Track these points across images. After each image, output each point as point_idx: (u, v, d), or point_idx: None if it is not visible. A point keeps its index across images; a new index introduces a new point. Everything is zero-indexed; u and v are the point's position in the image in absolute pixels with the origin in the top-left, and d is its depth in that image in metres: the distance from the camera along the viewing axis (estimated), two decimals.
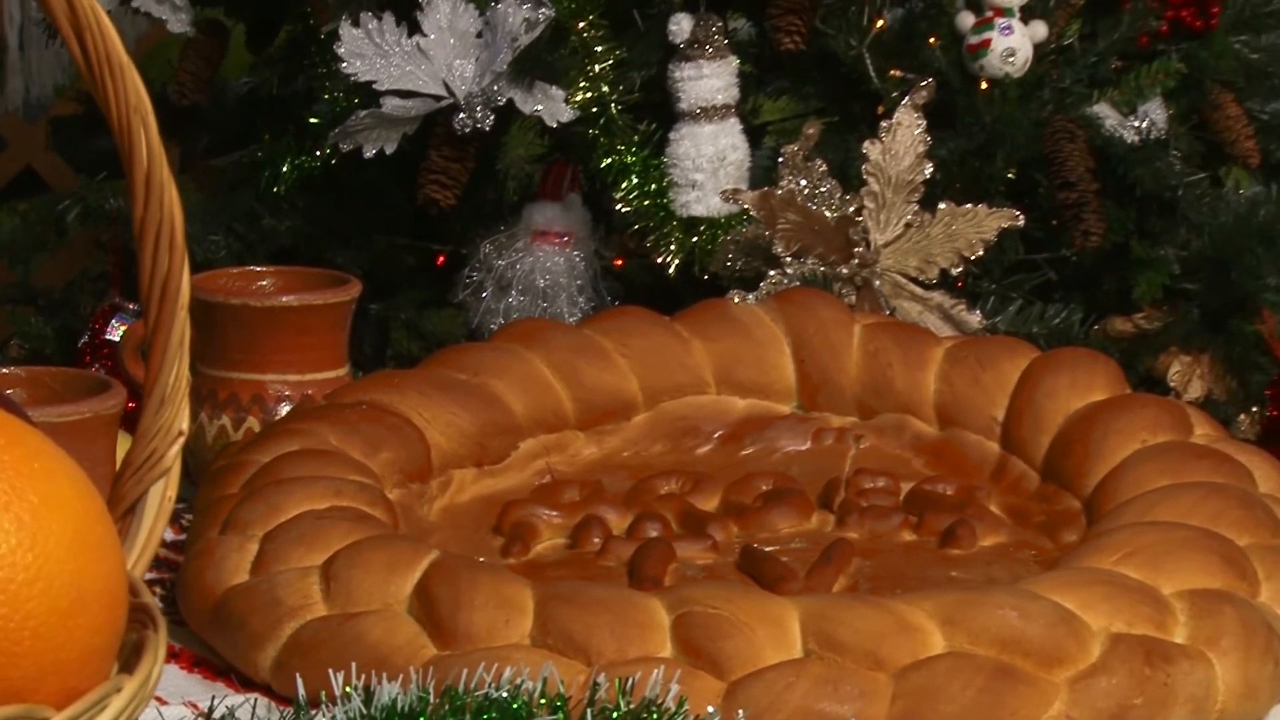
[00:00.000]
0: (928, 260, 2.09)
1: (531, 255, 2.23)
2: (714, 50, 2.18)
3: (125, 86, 1.15)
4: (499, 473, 1.76)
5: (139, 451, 1.20)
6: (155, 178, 1.16)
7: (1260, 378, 2.35)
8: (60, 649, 1.04)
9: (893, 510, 1.70)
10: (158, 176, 1.16)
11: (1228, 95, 2.41)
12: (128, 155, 1.16)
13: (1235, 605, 1.47)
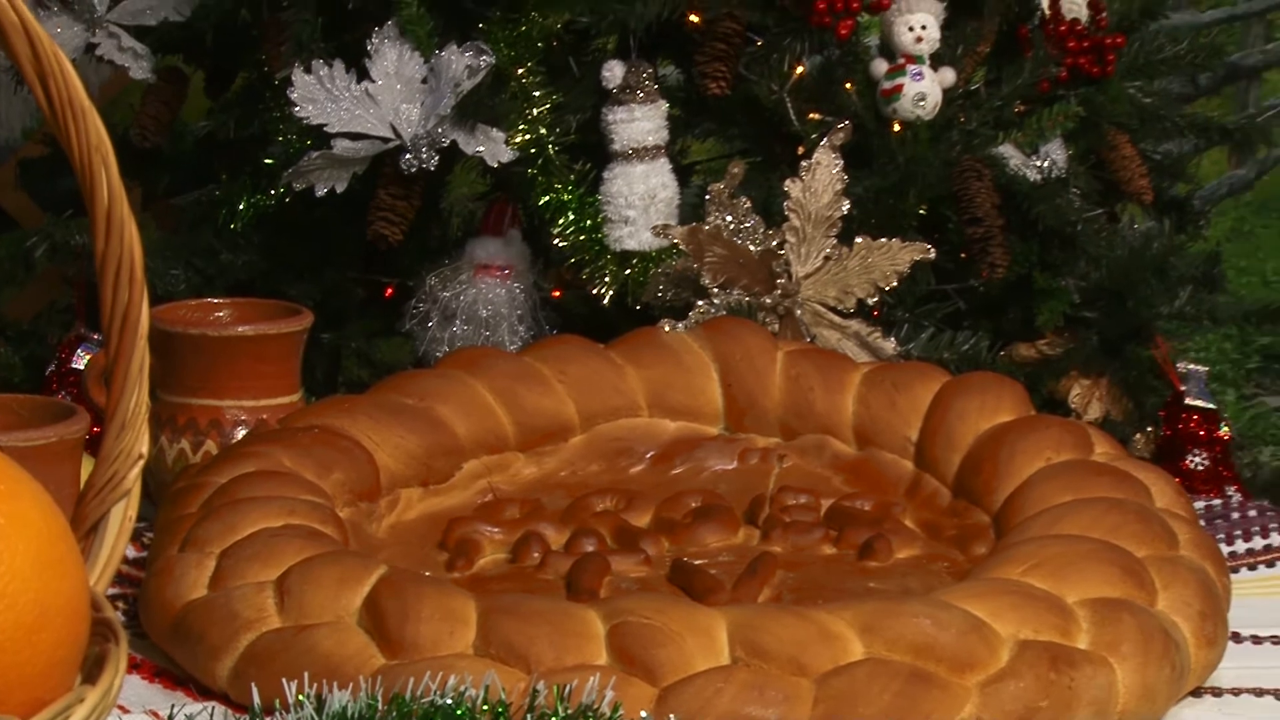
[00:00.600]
0: (846, 291, 2.09)
1: (475, 287, 2.22)
2: (645, 95, 2.18)
3: (87, 129, 1.14)
4: (444, 492, 1.75)
5: (101, 474, 1.19)
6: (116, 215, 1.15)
7: (1154, 400, 2.36)
8: (26, 662, 1.03)
9: (814, 525, 1.69)
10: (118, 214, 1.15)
11: (1123, 137, 2.43)
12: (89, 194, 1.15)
13: (1134, 613, 1.47)
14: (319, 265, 2.31)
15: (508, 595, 1.52)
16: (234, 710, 1.46)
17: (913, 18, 2.22)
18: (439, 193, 2.30)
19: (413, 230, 2.17)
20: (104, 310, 1.18)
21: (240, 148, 2.33)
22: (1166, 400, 2.34)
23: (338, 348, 2.33)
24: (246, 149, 2.30)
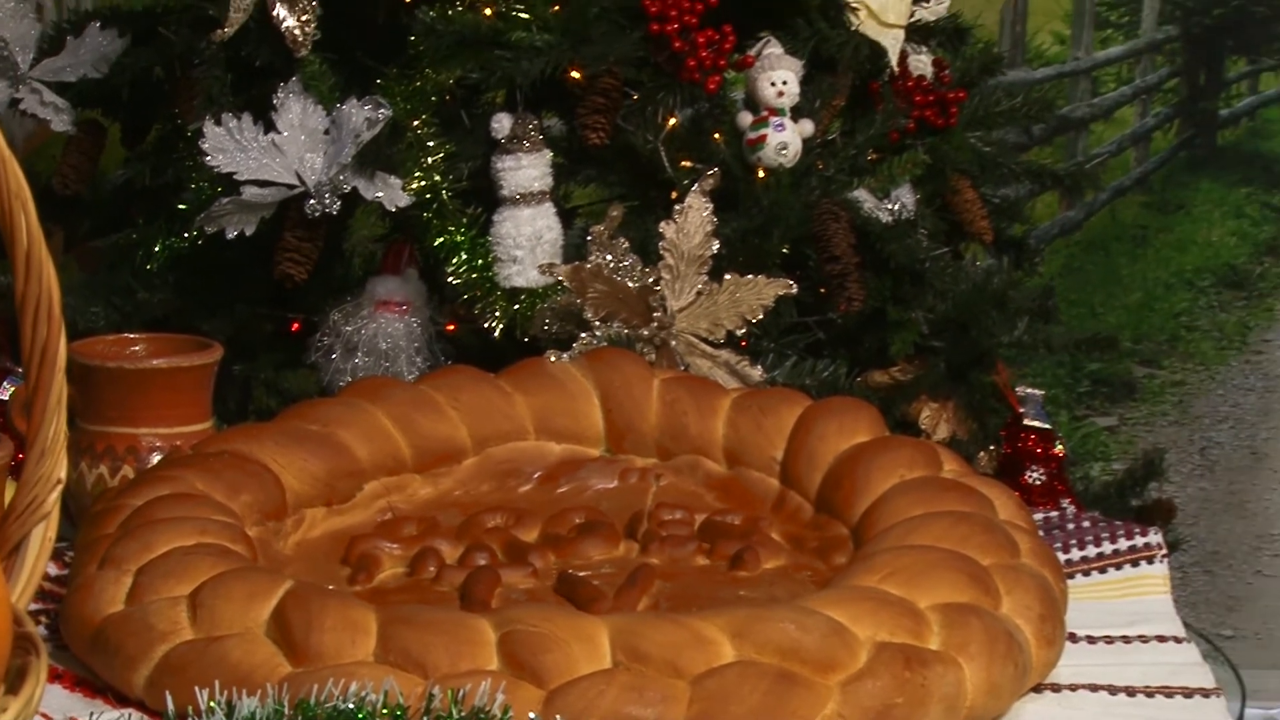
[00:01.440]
0: (716, 323, 2.09)
1: (375, 322, 2.21)
2: (531, 145, 2.18)
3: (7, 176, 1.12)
4: (346, 511, 1.73)
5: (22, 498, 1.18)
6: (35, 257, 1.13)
7: (996, 420, 2.38)
8: None
9: (689, 539, 1.69)
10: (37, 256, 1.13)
11: (965, 182, 2.44)
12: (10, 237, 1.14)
13: (981, 616, 1.47)
14: (230, 302, 2.28)
15: (406, 606, 1.50)
16: (150, 717, 1.44)
17: (774, 74, 2.23)
18: (341, 235, 2.29)
19: (317, 269, 2.16)
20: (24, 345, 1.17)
21: (155, 194, 2.30)
22: (1007, 421, 2.35)
23: (248, 378, 2.31)
24: (161, 195, 2.28)
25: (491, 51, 2.15)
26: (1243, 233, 3.80)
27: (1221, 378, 3.81)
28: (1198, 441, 3.82)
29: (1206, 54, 3.76)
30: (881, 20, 2.33)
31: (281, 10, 2.16)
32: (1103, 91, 3.78)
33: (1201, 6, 3.71)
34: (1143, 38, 3.75)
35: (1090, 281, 3.79)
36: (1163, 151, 3.80)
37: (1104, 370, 3.79)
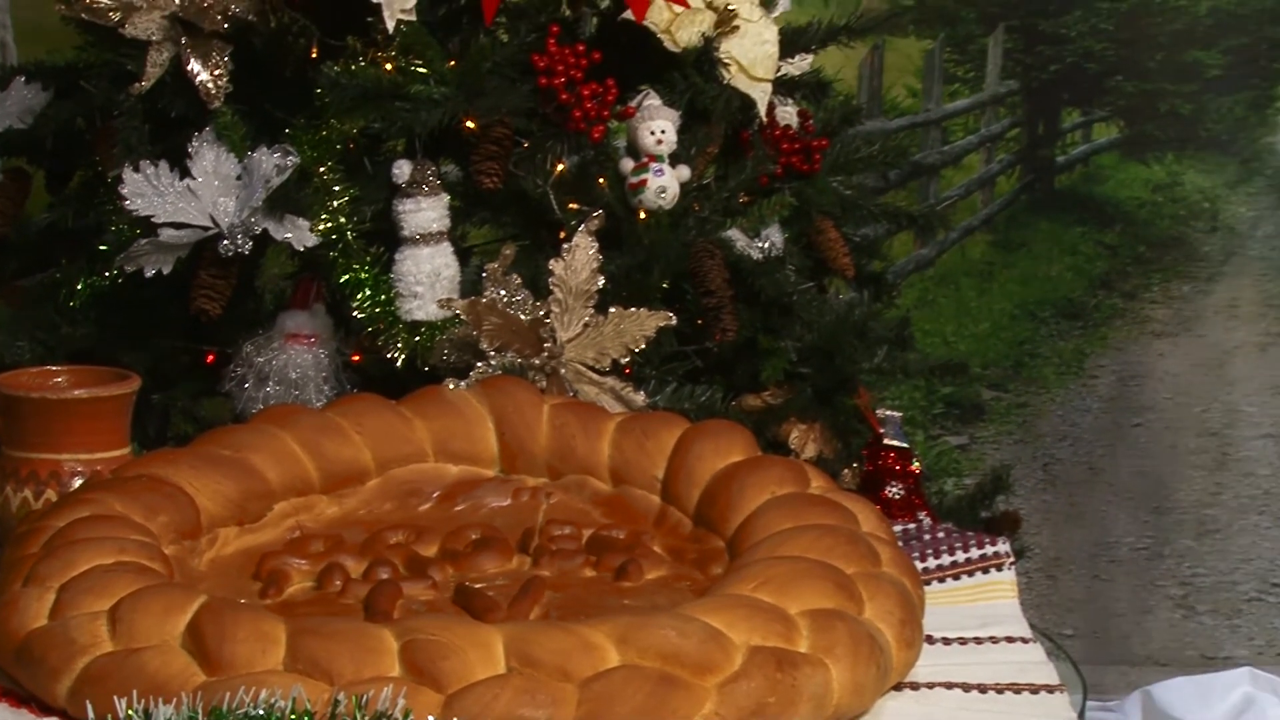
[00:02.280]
0: (602, 352, 2.09)
1: (285, 353, 2.20)
2: (429, 189, 2.17)
3: None
4: (257, 530, 1.71)
5: None
6: None
7: (858, 440, 2.38)
8: None
9: (577, 552, 1.68)
10: None
11: (828, 222, 2.45)
12: None
13: (846, 621, 1.47)
14: (149, 336, 2.26)
15: (313, 618, 1.49)
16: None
17: (654, 124, 2.23)
18: (253, 272, 2.27)
19: (230, 305, 2.14)
20: None
21: (78, 236, 2.27)
22: (868, 441, 2.35)
23: (167, 407, 2.28)
24: (83, 237, 2.25)
25: (392, 103, 2.14)
26: (1078, 268, 3.83)
27: (1061, 400, 3.84)
28: (1040, 458, 3.84)
29: (1044, 106, 3.79)
30: (751, 75, 2.33)
31: (195, 65, 2.15)
32: (952, 140, 3.80)
33: (1039, 63, 3.74)
34: (987, 91, 3.78)
35: (942, 313, 3.81)
36: (1006, 194, 3.83)
37: (955, 394, 3.80)
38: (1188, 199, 3.81)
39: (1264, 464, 3.81)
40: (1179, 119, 3.77)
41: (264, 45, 2.18)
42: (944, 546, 1.96)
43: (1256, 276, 3.81)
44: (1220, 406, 3.82)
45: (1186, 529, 3.83)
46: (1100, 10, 3.70)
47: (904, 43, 3.73)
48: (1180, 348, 3.83)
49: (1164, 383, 3.83)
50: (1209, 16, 3.69)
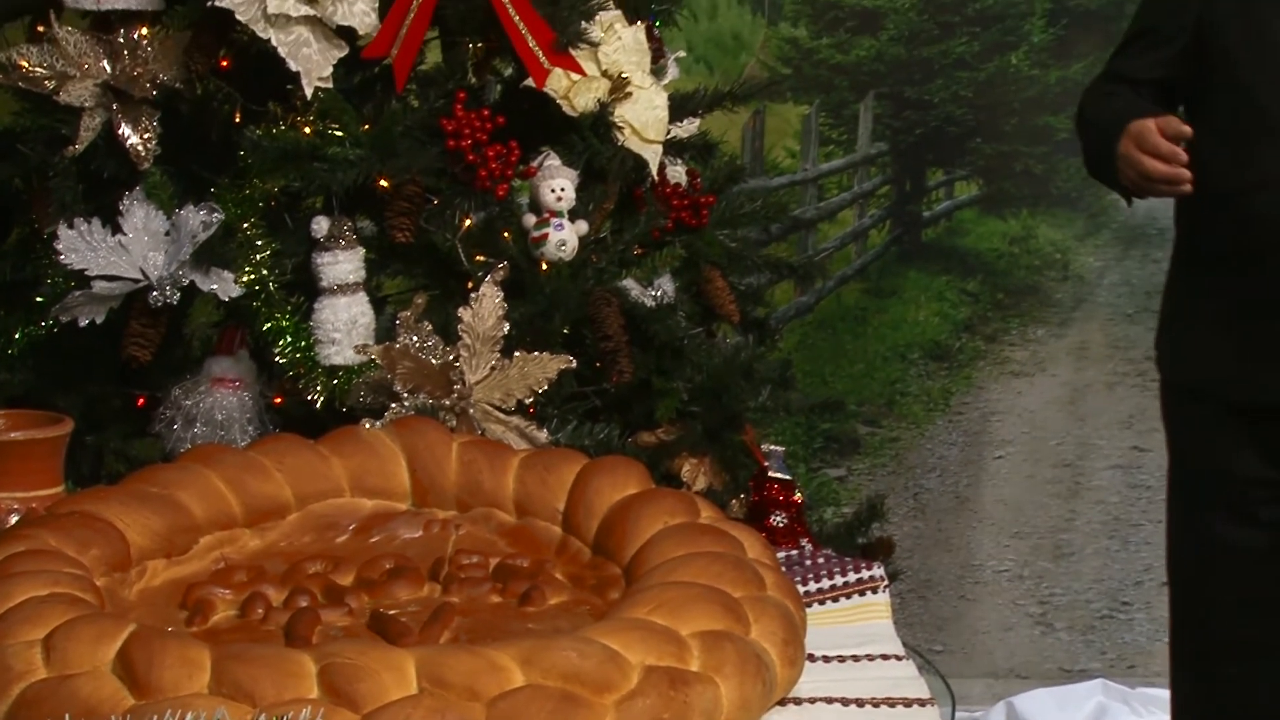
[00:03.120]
0: (508, 393, 2.09)
1: (211, 396, 2.18)
2: (346, 243, 2.16)
3: None
4: (184, 562, 1.67)
5: None
6: None
7: (745, 473, 2.38)
8: None
9: (484, 580, 1.65)
10: None
11: (716, 272, 2.45)
12: None
13: (734, 641, 1.46)
14: (83, 381, 2.23)
15: (237, 644, 1.45)
16: None
17: (554, 182, 2.23)
18: (181, 321, 2.25)
19: (160, 351, 2.12)
20: None
21: (15, 288, 2.25)
22: (754, 473, 2.35)
23: (100, 447, 2.25)
24: (21, 289, 2.23)
25: (311, 164, 2.13)
26: (944, 314, 3.86)
27: (929, 435, 3.86)
28: (911, 488, 3.85)
29: (911, 166, 3.81)
30: (643, 137, 2.33)
31: (126, 129, 2.14)
32: (827, 197, 3.82)
33: (906, 126, 3.77)
34: (859, 152, 3.80)
35: (821, 355, 3.82)
36: (877, 246, 3.85)
37: (834, 429, 3.81)
38: (1041, 250, 3.85)
39: (1113, 492, 3.85)
40: (1032, 178, 3.81)
41: (190, 111, 2.17)
42: (824, 571, 1.96)
43: (1104, 321, 3.85)
44: (1073, 440, 3.85)
45: (1044, 552, 3.85)
46: (960, 79, 3.74)
47: (783, 108, 3.75)
48: (1036, 386, 3.86)
49: (1022, 418, 3.86)
50: (1058, 85, 3.74)
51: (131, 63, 2.14)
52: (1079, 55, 3.74)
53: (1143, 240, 3.80)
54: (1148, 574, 3.79)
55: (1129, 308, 3.82)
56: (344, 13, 2.11)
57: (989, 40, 3.72)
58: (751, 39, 3.73)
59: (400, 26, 2.15)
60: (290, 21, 2.09)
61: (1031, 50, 3.73)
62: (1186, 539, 2.68)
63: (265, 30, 2.08)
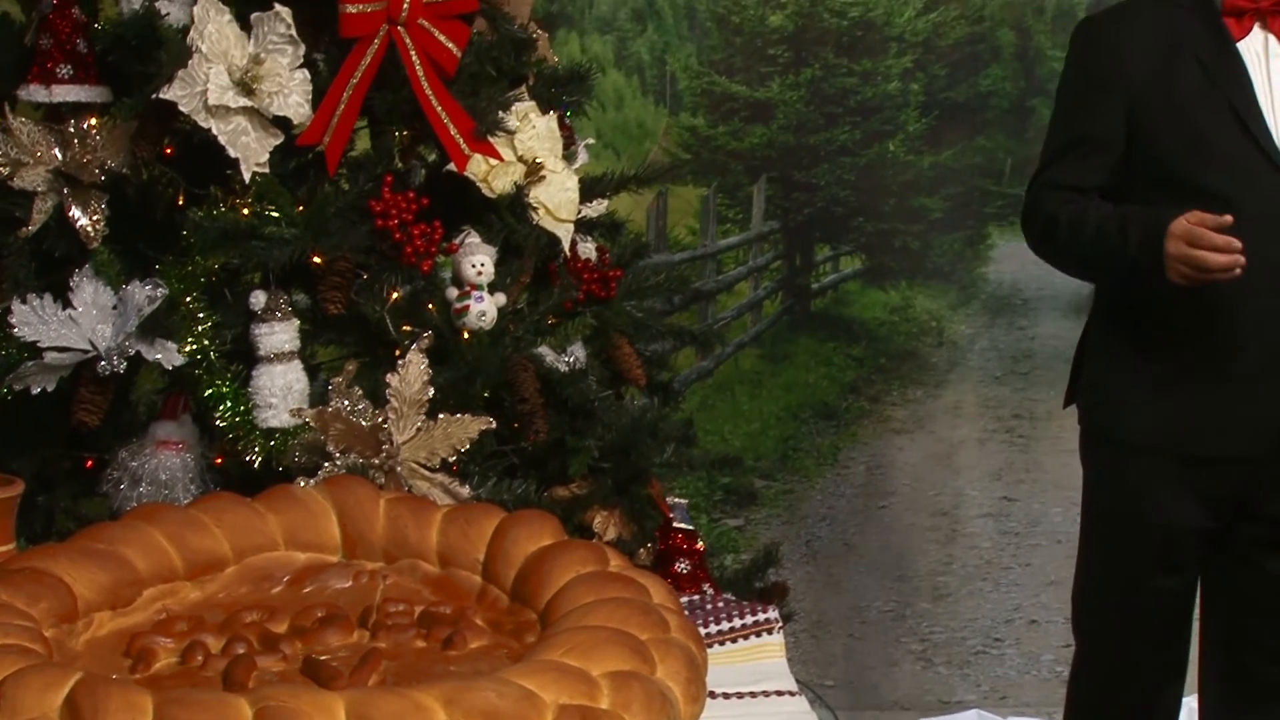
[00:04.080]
0: (432, 453, 2.07)
1: (156, 458, 2.14)
2: (282, 315, 2.14)
3: None
4: (128, 613, 1.64)
5: None
6: None
7: (652, 524, 2.37)
8: None
9: (410, 626, 1.63)
10: None
11: (624, 339, 2.45)
12: None
13: (641, 681, 1.44)
14: (35, 445, 2.19)
15: (177, 690, 1.43)
16: None
17: (474, 258, 2.22)
18: (128, 388, 2.22)
19: (108, 416, 2.09)
20: None
21: None
22: (660, 524, 2.34)
23: (51, 507, 2.21)
24: None
25: (249, 242, 2.11)
26: (832, 376, 3.87)
27: (820, 487, 3.86)
28: (804, 536, 3.85)
29: (800, 242, 3.83)
30: (556, 216, 2.33)
31: (76, 212, 2.12)
32: (725, 270, 3.83)
33: (795, 206, 3.79)
34: (753, 230, 3.82)
35: (720, 415, 3.82)
36: (771, 315, 3.86)
37: (732, 483, 3.81)
38: (918, 319, 3.87)
39: (985, 539, 3.86)
40: (910, 253, 3.84)
41: (136, 194, 2.15)
42: (724, 614, 1.95)
43: (975, 383, 3.88)
44: (949, 491, 3.87)
45: (924, 594, 3.86)
46: (843, 164, 3.77)
47: (684, 189, 3.76)
48: (916, 442, 3.87)
49: (903, 471, 3.88)
50: (931, 170, 3.77)
51: (81, 150, 2.12)
52: (949, 143, 3.78)
53: (1008, 310, 3.84)
54: (1017, 613, 3.80)
55: (997, 371, 3.85)
56: (279, 104, 2.10)
57: (869, 129, 3.76)
58: (655, 127, 3.74)
59: (332, 116, 2.14)
60: (230, 112, 2.07)
61: (907, 138, 3.77)
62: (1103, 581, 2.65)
63: (206, 120, 2.07)
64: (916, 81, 3.75)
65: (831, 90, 3.73)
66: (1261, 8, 2.43)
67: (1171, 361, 2.49)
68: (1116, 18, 2.55)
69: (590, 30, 3.71)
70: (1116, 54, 2.49)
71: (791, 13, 3.71)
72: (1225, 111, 2.41)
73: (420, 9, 2.17)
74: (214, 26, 2.07)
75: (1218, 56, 2.43)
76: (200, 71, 2.06)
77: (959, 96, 3.75)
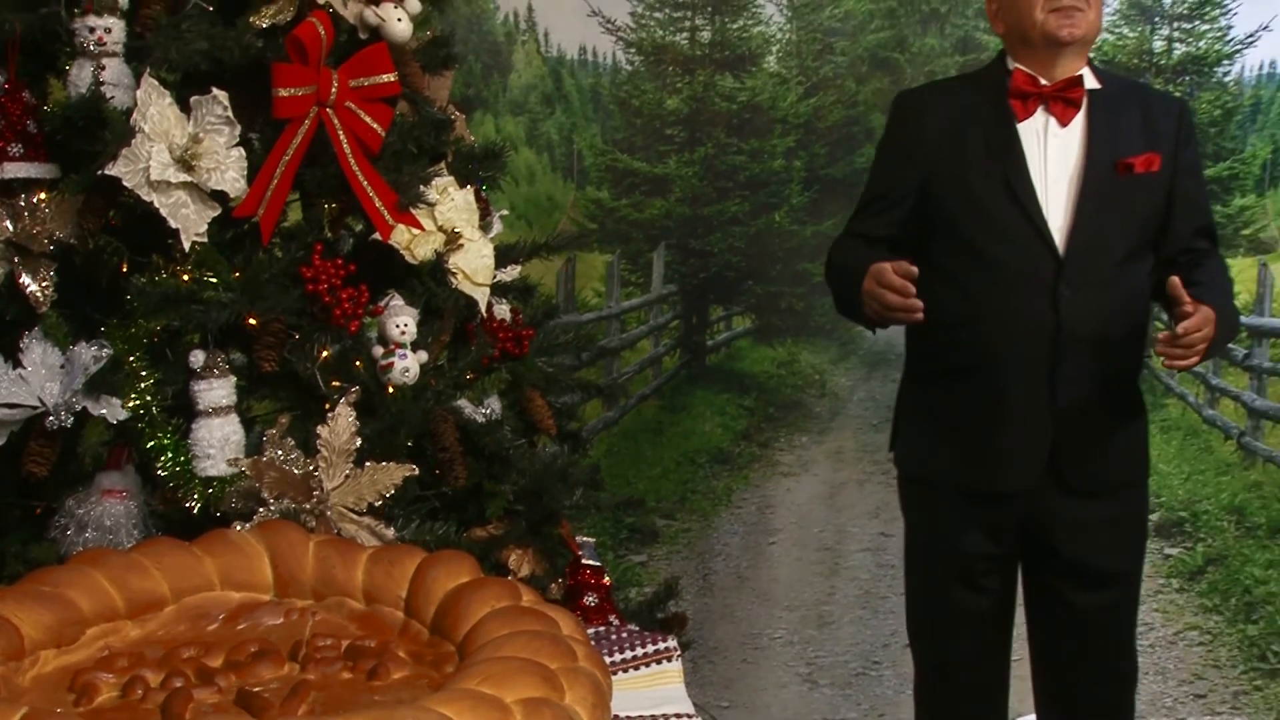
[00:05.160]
0: (360, 498, 2.04)
1: (101, 506, 2.10)
2: (219, 372, 2.10)
3: None
4: (73, 651, 1.59)
5: None
6: None
7: (562, 561, 2.36)
8: None
9: (337, 659, 1.59)
10: None
11: (536, 393, 2.44)
12: None
13: (551, 707, 1.42)
14: None
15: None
16: None
17: (398, 319, 2.20)
18: (75, 441, 2.17)
19: (56, 467, 2.06)
20: None
21: None
22: (570, 561, 2.33)
23: (2, 551, 2.15)
24: None
25: (189, 306, 2.08)
26: (726, 425, 3.88)
27: (715, 525, 3.86)
28: (701, 570, 3.84)
29: (696, 304, 3.84)
30: (473, 281, 2.32)
31: (26, 279, 2.07)
32: (628, 329, 3.83)
33: (691, 271, 3.81)
34: (653, 292, 3.83)
35: (625, 460, 3.81)
36: (670, 370, 3.86)
37: (636, 522, 3.80)
38: (803, 372, 3.89)
39: (864, 571, 3.88)
40: (795, 313, 3.86)
41: (83, 262, 2.11)
42: (628, 643, 1.93)
43: (855, 430, 3.90)
44: (831, 528, 3.88)
45: (810, 621, 3.86)
46: (734, 233, 3.79)
47: (590, 256, 3.76)
48: (802, 484, 3.89)
49: (791, 510, 3.88)
50: (813, 238, 3.80)
51: (31, 222, 2.08)
52: (829, 214, 3.82)
53: (884, 364, 3.87)
54: (894, 638, 3.81)
55: (874, 419, 3.87)
56: (217, 179, 2.07)
57: (757, 201, 3.78)
58: (563, 200, 3.75)
59: (266, 190, 2.12)
60: (170, 187, 2.05)
61: (791, 210, 3.80)
62: (925, 605, 2.71)
63: (149, 194, 2.04)
64: (799, 159, 3.78)
65: (723, 166, 3.76)
66: (1044, 93, 2.51)
67: (954, 409, 2.58)
68: (923, 94, 2.64)
69: (504, 112, 3.71)
70: (918, 126, 2.58)
71: (686, 97, 3.73)
72: (1001, 183, 2.49)
73: (347, 93, 2.16)
74: (156, 109, 2.05)
75: (1000, 134, 2.52)
76: (143, 150, 2.03)
77: (837, 173, 3.78)
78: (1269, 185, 3.82)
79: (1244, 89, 3.76)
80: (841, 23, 3.75)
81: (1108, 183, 2.50)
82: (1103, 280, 2.49)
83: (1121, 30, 3.72)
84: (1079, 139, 2.52)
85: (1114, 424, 2.56)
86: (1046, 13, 2.48)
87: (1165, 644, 3.85)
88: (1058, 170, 2.51)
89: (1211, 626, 3.85)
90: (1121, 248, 2.51)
